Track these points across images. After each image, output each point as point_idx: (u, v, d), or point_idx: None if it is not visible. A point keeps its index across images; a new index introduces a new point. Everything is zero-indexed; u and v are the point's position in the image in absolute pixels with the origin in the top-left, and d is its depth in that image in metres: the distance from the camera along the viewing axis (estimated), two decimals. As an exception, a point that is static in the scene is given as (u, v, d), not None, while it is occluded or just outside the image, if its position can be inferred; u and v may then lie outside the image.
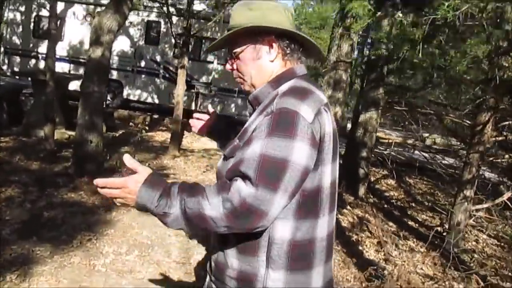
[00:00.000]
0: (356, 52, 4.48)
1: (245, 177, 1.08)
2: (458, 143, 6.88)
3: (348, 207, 5.81)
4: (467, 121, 4.75)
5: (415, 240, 4.88)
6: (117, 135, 8.53)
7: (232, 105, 12.46)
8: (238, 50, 1.29)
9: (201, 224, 1.10)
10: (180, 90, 7.42)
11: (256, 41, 1.27)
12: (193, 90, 9.54)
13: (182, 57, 7.31)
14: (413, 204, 6.70)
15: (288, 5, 1.34)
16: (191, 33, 7.41)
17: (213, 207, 1.07)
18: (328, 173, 1.18)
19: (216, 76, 12.35)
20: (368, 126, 6.43)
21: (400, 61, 3.99)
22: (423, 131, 6.68)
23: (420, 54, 3.58)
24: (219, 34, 12.09)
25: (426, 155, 6.94)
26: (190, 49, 7.93)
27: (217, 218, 1.07)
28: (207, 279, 1.38)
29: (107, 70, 5.92)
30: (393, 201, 6.80)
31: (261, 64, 1.28)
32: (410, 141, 7.44)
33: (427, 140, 7.59)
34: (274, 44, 1.27)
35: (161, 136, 9.14)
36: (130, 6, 5.97)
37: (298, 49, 1.30)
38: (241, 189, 1.06)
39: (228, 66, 1.35)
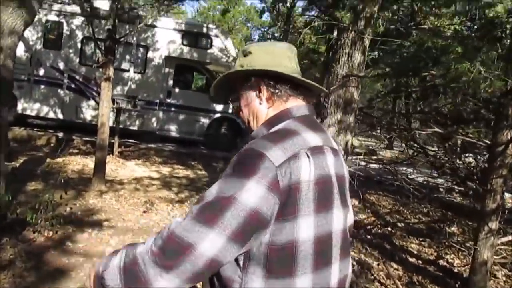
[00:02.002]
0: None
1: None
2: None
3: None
4: (486, 141, 4.07)
5: (435, 287, 4.09)
6: (17, 165, 6.66)
7: (154, 119, 10.95)
8: (231, 98, 1.28)
9: (133, 268, 0.98)
10: (105, 108, 5.89)
11: (244, 86, 1.22)
12: (113, 106, 7.89)
13: (106, 67, 5.80)
14: (392, 229, 5.99)
15: (290, 45, 1.27)
16: (117, 36, 5.92)
17: (144, 245, 1.01)
18: (309, 226, 1.01)
19: (133, 86, 10.75)
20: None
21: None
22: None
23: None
24: (134, 38, 10.56)
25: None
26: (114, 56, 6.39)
27: (143, 254, 0.98)
28: None
29: (10, 85, 4.27)
30: (370, 227, 6.03)
31: (253, 109, 1.22)
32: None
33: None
34: (261, 86, 1.19)
35: (76, 162, 7.41)
36: (40, -1, 4.42)
37: (288, 87, 1.17)
38: (173, 221, 1.01)
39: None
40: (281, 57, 1.20)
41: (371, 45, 4.12)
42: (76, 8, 10.22)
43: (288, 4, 16.19)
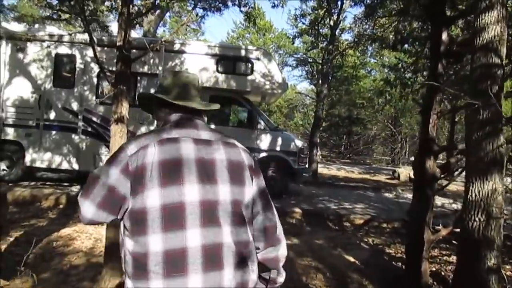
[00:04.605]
0: None
1: None
2: None
3: None
4: None
5: None
6: (2, 248, 4.74)
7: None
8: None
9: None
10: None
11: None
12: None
13: (118, 102, 3.92)
14: None
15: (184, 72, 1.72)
16: (128, 67, 4.02)
17: None
18: (155, 196, 1.36)
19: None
20: (490, 207, 3.44)
21: None
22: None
23: None
24: (160, 68, 8.78)
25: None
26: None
27: None
28: None
29: None
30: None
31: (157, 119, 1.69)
32: None
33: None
34: (156, 107, 1.67)
35: (87, 235, 5.45)
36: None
37: (168, 106, 1.60)
38: None
39: None
40: (172, 81, 1.65)
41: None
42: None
43: (331, 22, 14.35)
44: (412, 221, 4.75)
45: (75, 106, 8.79)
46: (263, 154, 9.06)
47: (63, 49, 8.86)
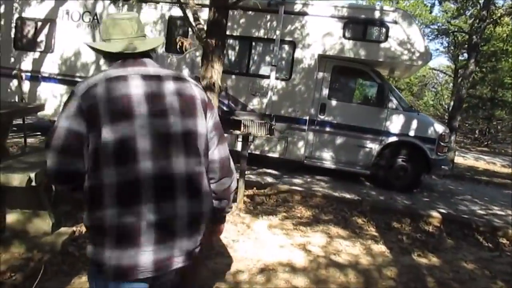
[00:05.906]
0: None
1: None
2: None
3: None
4: None
5: None
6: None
7: (300, 143, 7.91)
8: None
9: None
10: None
11: None
12: (237, 132, 4.94)
13: (207, 65, 2.92)
14: None
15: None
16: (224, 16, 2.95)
17: None
18: (108, 132, 1.39)
19: (274, 98, 7.88)
20: None
21: None
22: None
23: None
24: (277, 32, 7.70)
25: None
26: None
27: None
28: None
29: None
30: None
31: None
32: None
33: None
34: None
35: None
36: None
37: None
38: None
39: None
40: (113, 28, 1.61)
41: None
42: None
43: (487, -18, 11.78)
44: None
45: (186, 72, 8.19)
46: (393, 139, 7.54)
47: (177, 11, 8.25)
